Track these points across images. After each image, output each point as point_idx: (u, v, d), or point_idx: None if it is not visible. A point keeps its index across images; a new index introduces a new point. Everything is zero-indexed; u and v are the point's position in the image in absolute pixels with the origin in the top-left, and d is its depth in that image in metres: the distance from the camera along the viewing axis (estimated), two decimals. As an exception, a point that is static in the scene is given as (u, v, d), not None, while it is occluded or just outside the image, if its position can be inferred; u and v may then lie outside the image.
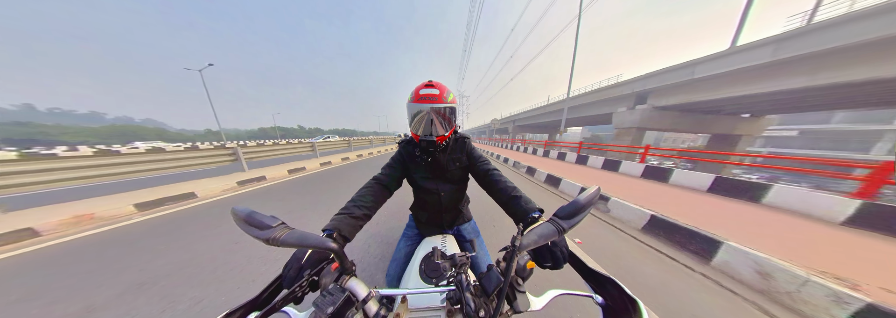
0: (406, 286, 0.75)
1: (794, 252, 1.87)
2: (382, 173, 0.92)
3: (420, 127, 0.83)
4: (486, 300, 0.47)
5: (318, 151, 9.14)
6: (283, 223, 0.45)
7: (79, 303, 1.52)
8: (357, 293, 0.50)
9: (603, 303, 0.49)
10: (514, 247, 0.45)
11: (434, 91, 0.79)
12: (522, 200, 0.72)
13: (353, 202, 0.76)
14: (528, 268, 0.52)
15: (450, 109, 0.82)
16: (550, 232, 0.46)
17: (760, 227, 2.40)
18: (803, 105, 11.94)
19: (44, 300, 1.57)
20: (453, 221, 1.08)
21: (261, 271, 1.81)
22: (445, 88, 0.83)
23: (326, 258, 0.57)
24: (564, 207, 0.46)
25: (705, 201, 3.25)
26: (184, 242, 2.33)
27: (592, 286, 0.52)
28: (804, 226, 2.44)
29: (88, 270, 1.90)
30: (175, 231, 2.61)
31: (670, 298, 1.55)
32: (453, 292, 0.49)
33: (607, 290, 0.49)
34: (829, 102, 11.45)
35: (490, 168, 0.89)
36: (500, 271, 0.49)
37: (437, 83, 0.83)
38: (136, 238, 2.46)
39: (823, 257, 1.84)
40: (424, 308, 0.56)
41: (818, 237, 2.20)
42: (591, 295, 0.50)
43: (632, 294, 0.45)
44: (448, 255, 0.64)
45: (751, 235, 2.19)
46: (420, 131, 0.83)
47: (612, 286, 0.48)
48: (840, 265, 1.74)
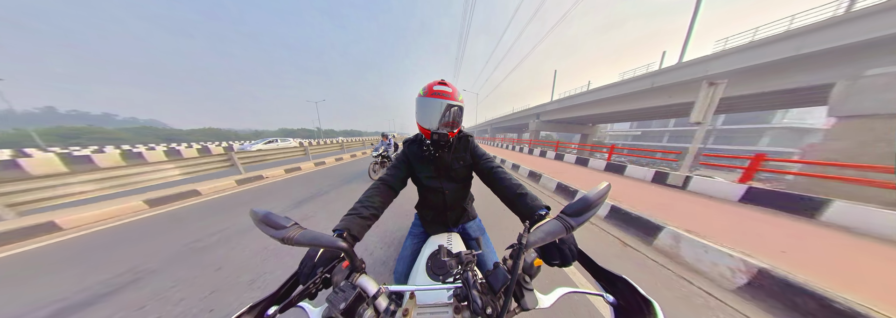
0: (414, 283, 0.76)
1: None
2: (388, 174, 0.93)
3: (433, 120, 0.83)
4: (494, 298, 0.48)
5: (258, 163, 6.48)
6: (296, 224, 0.47)
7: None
8: (367, 290, 0.52)
9: (614, 302, 0.48)
10: (521, 244, 0.45)
11: (447, 88, 0.82)
12: (528, 197, 0.72)
13: (360, 203, 0.77)
14: (536, 266, 0.52)
15: (459, 108, 0.84)
16: (558, 229, 0.45)
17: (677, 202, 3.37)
18: (617, 118, 22.12)
19: (131, 259, 2.14)
20: (458, 219, 1.09)
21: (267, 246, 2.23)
22: (455, 86, 0.85)
23: (338, 257, 0.59)
24: (572, 204, 0.45)
25: (601, 176, 5.46)
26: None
27: (603, 285, 0.52)
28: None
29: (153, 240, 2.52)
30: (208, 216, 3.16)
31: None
32: (460, 289, 0.50)
33: (619, 289, 0.48)
34: (637, 117, 20.08)
35: (494, 166, 0.89)
36: (507, 268, 0.49)
37: (446, 81, 0.85)
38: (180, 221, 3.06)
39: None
40: (432, 305, 0.57)
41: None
42: (601, 294, 0.50)
43: (646, 295, 0.44)
44: (454, 253, 0.65)
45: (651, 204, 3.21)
46: (433, 125, 0.84)
47: (624, 285, 0.47)
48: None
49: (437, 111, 0.81)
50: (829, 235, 2.29)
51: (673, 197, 3.47)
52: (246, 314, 0.46)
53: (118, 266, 1.98)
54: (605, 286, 0.51)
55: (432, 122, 0.83)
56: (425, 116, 0.83)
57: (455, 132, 0.88)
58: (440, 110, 0.81)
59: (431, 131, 0.84)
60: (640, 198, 3.38)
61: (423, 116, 0.84)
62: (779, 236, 2.22)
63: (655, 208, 2.93)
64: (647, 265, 1.95)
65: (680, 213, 2.76)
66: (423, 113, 0.83)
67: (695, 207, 3.04)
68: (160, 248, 2.29)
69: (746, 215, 2.74)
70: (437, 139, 0.86)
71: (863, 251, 2.02)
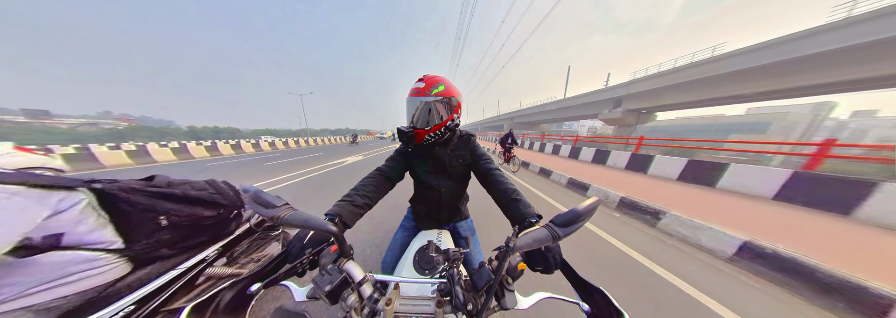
0: (400, 274, 0.78)
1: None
2: (386, 165, 0.94)
3: (407, 119, 0.86)
4: (475, 295, 0.49)
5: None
6: (287, 204, 0.48)
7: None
8: (353, 276, 0.53)
9: (589, 312, 0.50)
10: (508, 247, 0.46)
11: (420, 85, 0.81)
12: (522, 203, 0.72)
13: (355, 191, 0.78)
14: (520, 269, 0.54)
15: (439, 102, 0.80)
16: (545, 237, 0.47)
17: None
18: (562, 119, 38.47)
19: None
20: (451, 217, 1.09)
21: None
22: (436, 80, 0.81)
23: (327, 240, 0.60)
24: (561, 214, 0.46)
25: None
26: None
27: (581, 295, 0.54)
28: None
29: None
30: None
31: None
32: (444, 284, 0.52)
33: (595, 299, 0.50)
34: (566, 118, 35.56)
35: (492, 168, 0.90)
36: (491, 269, 0.50)
37: (427, 77, 0.83)
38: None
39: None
40: (415, 297, 0.58)
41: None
42: (578, 302, 0.52)
43: (619, 306, 0.46)
44: (442, 249, 0.66)
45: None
46: (406, 123, 0.87)
47: (601, 296, 0.49)
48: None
49: (409, 109, 0.85)
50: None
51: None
52: (227, 290, 0.47)
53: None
54: (583, 295, 0.53)
55: (407, 120, 0.86)
56: (406, 115, 0.87)
57: (429, 130, 0.83)
58: (410, 108, 0.84)
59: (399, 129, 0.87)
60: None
61: (406, 115, 0.88)
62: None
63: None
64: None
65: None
66: (406, 111, 0.87)
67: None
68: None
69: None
70: (400, 137, 0.88)
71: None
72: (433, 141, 0.88)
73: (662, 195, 3.53)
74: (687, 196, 3.55)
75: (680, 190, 3.95)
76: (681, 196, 3.55)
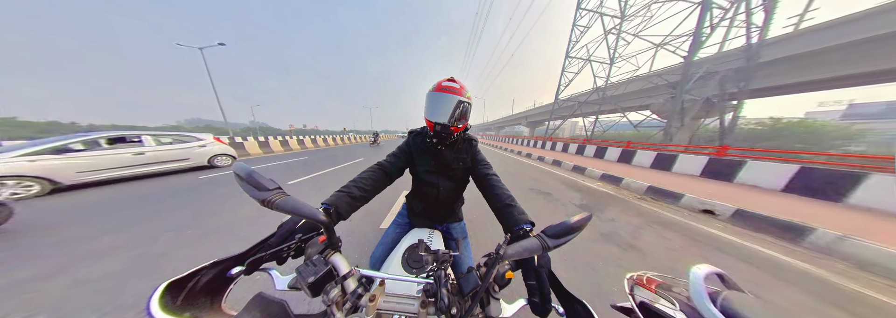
0: (387, 271, 0.77)
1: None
2: (387, 161, 0.94)
3: (438, 114, 0.85)
4: (461, 300, 0.48)
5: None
6: (280, 189, 0.46)
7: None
8: (339, 268, 0.52)
9: (563, 315, 0.51)
10: (498, 255, 0.46)
11: (455, 84, 0.85)
12: (516, 210, 0.72)
13: (354, 183, 0.77)
14: (507, 277, 0.53)
15: (466, 104, 0.87)
16: (535, 247, 0.46)
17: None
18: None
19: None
20: (445, 218, 1.09)
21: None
22: (463, 85, 0.89)
23: (316, 230, 0.59)
24: (553, 226, 0.46)
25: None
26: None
27: (563, 305, 0.53)
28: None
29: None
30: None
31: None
32: (431, 285, 0.51)
33: (576, 311, 0.50)
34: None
35: (490, 173, 0.90)
36: (479, 275, 0.50)
37: (457, 80, 0.88)
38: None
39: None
40: (400, 295, 0.57)
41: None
42: (561, 313, 0.52)
43: None
44: (432, 250, 0.65)
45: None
46: (438, 117, 0.86)
47: (582, 308, 0.49)
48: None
49: (442, 105, 0.84)
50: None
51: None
52: (208, 269, 0.46)
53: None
54: (565, 307, 0.53)
55: (438, 115, 0.85)
56: (432, 110, 0.86)
57: (459, 128, 0.90)
58: (446, 104, 0.84)
59: (435, 123, 0.86)
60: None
61: (431, 110, 0.86)
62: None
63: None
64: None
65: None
66: (431, 107, 0.86)
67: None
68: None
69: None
70: (439, 131, 0.87)
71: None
72: (447, 141, 0.92)
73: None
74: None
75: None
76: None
